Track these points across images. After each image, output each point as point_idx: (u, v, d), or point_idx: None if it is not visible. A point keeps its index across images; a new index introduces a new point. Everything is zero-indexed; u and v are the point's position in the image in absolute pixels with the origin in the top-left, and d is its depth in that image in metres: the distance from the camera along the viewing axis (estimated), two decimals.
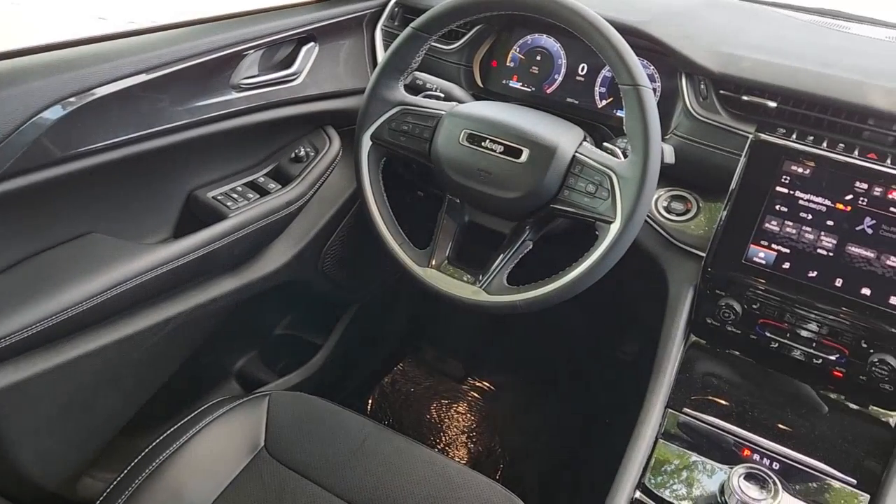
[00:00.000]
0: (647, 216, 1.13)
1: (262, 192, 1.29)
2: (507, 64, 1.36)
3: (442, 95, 1.24)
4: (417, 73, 1.27)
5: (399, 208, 1.20)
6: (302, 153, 1.34)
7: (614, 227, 0.99)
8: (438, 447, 1.76)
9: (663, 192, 1.17)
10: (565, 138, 1.06)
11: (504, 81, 1.36)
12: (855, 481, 0.96)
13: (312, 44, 1.31)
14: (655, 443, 1.01)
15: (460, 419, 1.83)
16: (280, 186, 1.30)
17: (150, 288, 1.09)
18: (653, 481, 0.96)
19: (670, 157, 1.08)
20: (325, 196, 1.37)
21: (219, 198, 1.24)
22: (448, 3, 1.09)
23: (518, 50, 1.35)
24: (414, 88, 1.26)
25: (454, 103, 1.17)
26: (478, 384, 1.90)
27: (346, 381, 1.74)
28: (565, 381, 1.90)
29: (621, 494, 0.92)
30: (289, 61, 1.28)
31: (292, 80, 1.27)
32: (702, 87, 1.13)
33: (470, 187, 1.09)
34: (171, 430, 1.05)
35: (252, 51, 1.19)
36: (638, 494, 0.94)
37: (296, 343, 1.64)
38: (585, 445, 1.77)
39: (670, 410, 1.04)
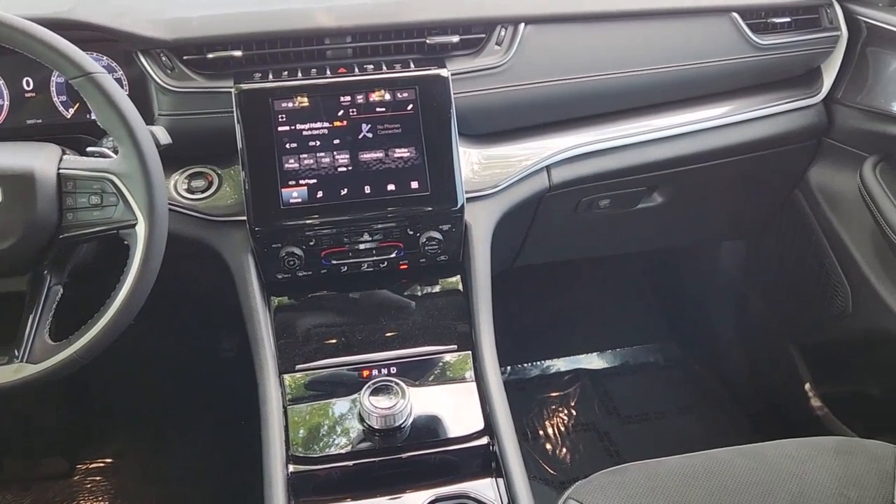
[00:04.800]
0: (173, 204, 1.05)
1: None
2: None
3: None
4: None
5: None
6: None
7: (141, 228, 0.89)
8: None
9: (178, 175, 1.10)
10: (39, 160, 0.90)
11: None
12: (456, 346, 1.07)
13: None
14: (287, 413, 0.98)
15: None
16: None
17: None
18: (300, 449, 0.94)
19: (165, 138, 1.00)
20: None
21: None
22: None
23: None
24: None
25: None
26: (93, 465, 1.64)
27: None
28: (183, 406, 1.75)
29: (275, 479, 0.88)
30: None
31: None
32: (164, 59, 1.07)
33: None
34: None
35: None
36: (292, 468, 0.91)
37: None
38: (242, 457, 1.67)
39: (286, 376, 1.02)
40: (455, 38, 1.12)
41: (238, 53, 1.07)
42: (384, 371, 1.02)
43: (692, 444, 1.09)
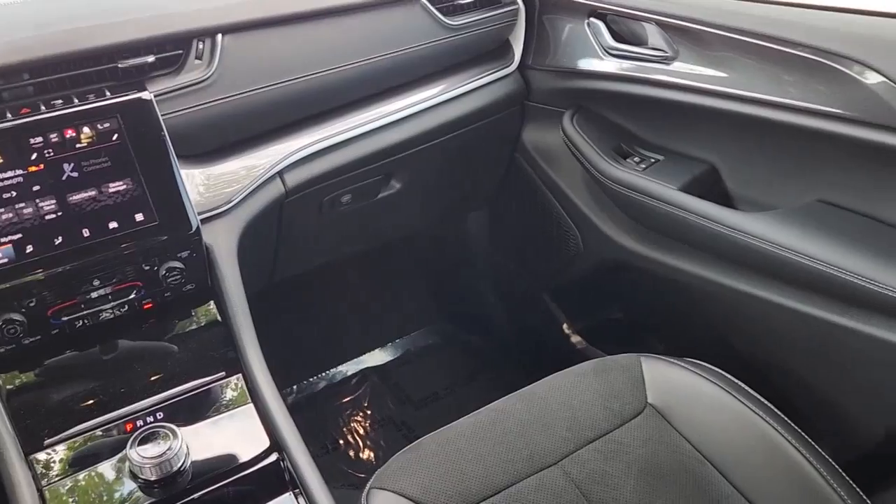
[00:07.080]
0: None
1: None
2: None
3: None
4: None
5: None
6: None
7: None
8: None
9: None
10: None
11: None
12: (225, 372, 1.02)
13: None
14: (45, 495, 0.87)
15: None
16: None
17: None
18: None
19: None
20: None
21: None
22: None
23: None
24: None
25: None
26: None
27: None
28: None
29: None
30: None
31: None
32: None
33: None
34: None
35: None
36: None
37: None
38: None
39: (35, 457, 0.90)
40: (150, 58, 1.05)
41: None
42: (150, 419, 0.95)
43: (481, 408, 1.14)
